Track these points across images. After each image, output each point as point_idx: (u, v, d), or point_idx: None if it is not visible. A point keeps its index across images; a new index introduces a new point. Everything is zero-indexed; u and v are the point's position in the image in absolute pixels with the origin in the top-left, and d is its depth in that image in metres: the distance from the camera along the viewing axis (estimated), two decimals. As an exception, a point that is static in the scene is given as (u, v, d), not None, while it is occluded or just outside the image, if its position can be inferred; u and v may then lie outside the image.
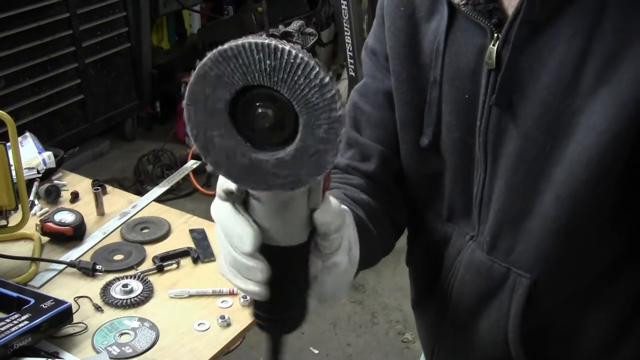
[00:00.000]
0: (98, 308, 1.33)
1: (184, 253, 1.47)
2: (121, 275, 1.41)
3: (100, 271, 1.41)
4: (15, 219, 1.45)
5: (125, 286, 1.37)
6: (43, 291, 1.35)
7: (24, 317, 1.19)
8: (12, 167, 1.40)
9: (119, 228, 1.56)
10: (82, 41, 3.50)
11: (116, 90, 3.81)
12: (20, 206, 1.43)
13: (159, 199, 1.73)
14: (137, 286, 1.38)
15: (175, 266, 1.45)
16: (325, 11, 4.31)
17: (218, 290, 1.37)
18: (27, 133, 1.78)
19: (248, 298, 0.70)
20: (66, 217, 1.52)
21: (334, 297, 0.74)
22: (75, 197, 1.67)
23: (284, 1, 3.96)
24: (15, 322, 1.17)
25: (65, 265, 1.43)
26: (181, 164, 3.24)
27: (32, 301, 1.24)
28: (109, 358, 1.20)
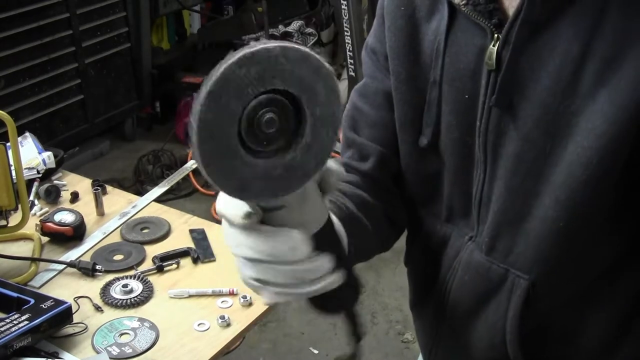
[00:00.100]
0: (98, 308, 1.33)
1: (184, 253, 1.47)
2: (121, 275, 1.41)
3: (100, 271, 1.41)
4: (15, 219, 1.45)
5: (125, 286, 1.37)
6: (43, 291, 1.35)
7: (24, 317, 1.19)
8: (12, 167, 1.39)
9: (119, 228, 1.56)
10: (82, 41, 3.50)
11: (116, 90, 3.81)
12: (20, 206, 1.43)
13: (159, 199, 1.73)
14: (137, 286, 1.37)
15: (175, 266, 1.45)
16: (325, 11, 4.31)
17: (218, 290, 1.37)
18: (27, 133, 1.78)
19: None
20: (66, 217, 1.52)
21: None
22: (75, 197, 1.67)
23: (284, 1, 3.96)
24: (15, 322, 1.17)
25: (65, 265, 1.43)
26: (181, 164, 3.24)
27: (32, 301, 1.24)
28: (109, 358, 1.20)
